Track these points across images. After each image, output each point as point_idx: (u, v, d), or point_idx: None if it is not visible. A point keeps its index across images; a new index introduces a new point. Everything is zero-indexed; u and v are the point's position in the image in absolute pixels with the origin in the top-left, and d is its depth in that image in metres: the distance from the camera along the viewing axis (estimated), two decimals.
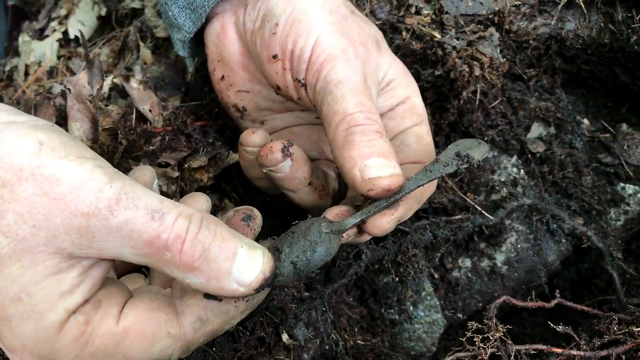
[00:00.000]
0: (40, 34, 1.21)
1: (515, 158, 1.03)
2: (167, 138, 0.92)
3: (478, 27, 1.00)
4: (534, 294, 0.82)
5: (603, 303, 0.97)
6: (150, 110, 0.96)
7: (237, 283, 0.57)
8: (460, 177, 1.01)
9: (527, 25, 1.01)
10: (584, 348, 0.71)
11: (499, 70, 0.98)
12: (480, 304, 0.97)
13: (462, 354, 0.71)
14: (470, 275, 0.98)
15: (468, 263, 0.98)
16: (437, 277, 0.98)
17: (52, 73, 1.15)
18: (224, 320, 0.61)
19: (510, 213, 0.97)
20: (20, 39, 1.20)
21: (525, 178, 1.02)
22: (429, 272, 0.97)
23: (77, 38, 1.16)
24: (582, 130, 1.06)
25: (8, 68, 1.20)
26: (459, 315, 0.97)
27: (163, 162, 0.90)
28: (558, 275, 1.03)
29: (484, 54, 0.96)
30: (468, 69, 0.95)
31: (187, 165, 0.91)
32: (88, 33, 1.17)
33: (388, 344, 0.93)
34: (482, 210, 0.96)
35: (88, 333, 0.55)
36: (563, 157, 1.02)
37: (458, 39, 0.97)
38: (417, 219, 0.96)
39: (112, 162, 0.87)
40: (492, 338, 0.71)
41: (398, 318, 0.96)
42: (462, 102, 0.99)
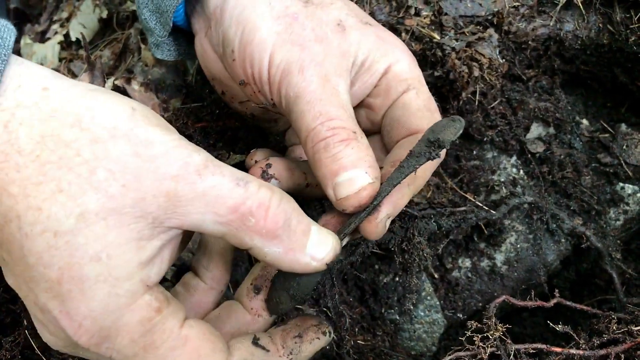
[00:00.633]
0: (42, 37, 1.22)
1: (515, 158, 1.03)
2: None
3: (477, 28, 1.01)
4: (534, 294, 0.82)
5: (602, 302, 0.97)
6: None
7: (310, 257, 0.60)
8: (460, 177, 1.01)
9: (526, 26, 1.02)
10: (584, 347, 0.71)
11: (498, 71, 0.98)
12: (480, 304, 0.97)
13: (462, 353, 0.71)
14: (470, 275, 0.98)
15: (468, 263, 0.98)
16: (437, 277, 0.98)
17: None
18: None
19: (512, 210, 0.97)
20: (22, 42, 1.21)
21: (525, 178, 1.02)
22: (429, 272, 0.98)
23: (78, 40, 1.17)
24: (581, 131, 1.06)
25: None
26: (459, 315, 0.98)
27: None
28: (557, 275, 1.03)
29: (483, 55, 0.97)
30: (467, 70, 0.95)
31: None
32: (89, 35, 1.17)
33: (388, 344, 0.93)
34: (484, 207, 0.96)
35: (155, 322, 0.54)
36: (562, 157, 1.02)
37: (457, 40, 0.98)
38: (422, 209, 0.95)
39: None
40: (491, 337, 0.71)
41: (398, 318, 0.97)
42: (461, 102, 0.99)
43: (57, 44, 1.18)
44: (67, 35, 1.18)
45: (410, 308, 0.96)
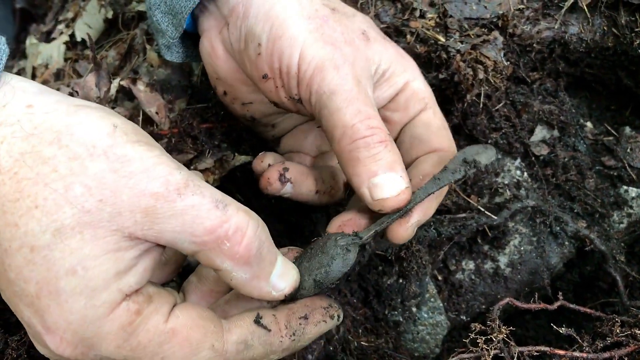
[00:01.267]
0: (48, 37, 1.22)
1: (519, 161, 1.03)
2: (173, 140, 0.93)
3: (482, 30, 1.01)
4: (537, 296, 0.82)
5: (606, 305, 0.97)
6: (157, 113, 0.97)
7: (272, 287, 0.61)
8: (464, 179, 1.01)
9: (530, 29, 1.02)
10: (587, 350, 0.71)
11: (503, 74, 0.98)
12: (484, 306, 0.97)
13: (465, 356, 0.71)
14: (474, 278, 0.98)
15: (471, 265, 0.98)
16: (440, 279, 0.98)
17: (59, 75, 1.16)
18: (265, 352, 0.62)
19: (514, 214, 0.97)
20: (28, 42, 1.21)
21: (529, 181, 1.02)
22: (433, 274, 0.98)
23: (83, 41, 1.17)
24: (585, 133, 1.06)
25: (15, 70, 1.21)
26: (463, 317, 0.98)
27: None
28: (561, 278, 1.03)
29: (488, 58, 0.97)
30: (472, 72, 0.95)
31: (193, 167, 0.91)
32: (95, 36, 1.18)
33: (392, 345, 0.93)
34: (485, 212, 0.96)
35: (136, 324, 0.55)
36: (566, 159, 1.02)
37: (462, 43, 0.98)
38: None
39: None
40: (495, 339, 0.71)
41: (402, 319, 0.97)
42: (466, 105, 0.99)
43: (62, 44, 1.18)
44: (72, 36, 1.18)
45: (413, 310, 0.97)
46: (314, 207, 0.90)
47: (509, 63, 1.02)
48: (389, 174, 0.66)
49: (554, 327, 0.75)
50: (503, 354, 0.70)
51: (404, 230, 0.69)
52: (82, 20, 1.19)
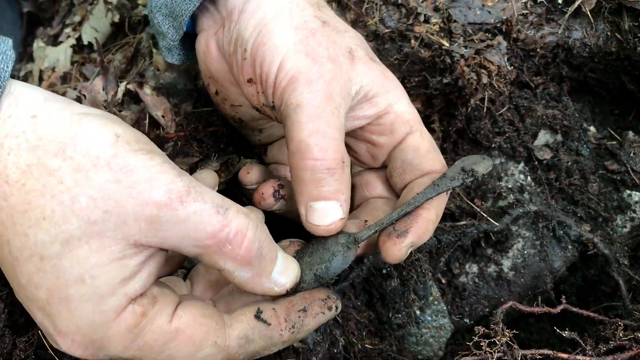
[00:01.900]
0: (54, 40, 1.23)
1: (522, 165, 1.04)
2: (179, 143, 0.93)
3: (486, 35, 1.01)
4: (540, 300, 0.82)
5: (609, 309, 0.97)
6: (163, 116, 0.98)
7: (274, 283, 0.63)
8: (462, 187, 1.02)
9: (534, 34, 1.02)
10: (590, 353, 0.71)
11: (507, 78, 0.99)
12: (487, 309, 0.98)
13: (469, 358, 0.72)
14: (477, 281, 0.98)
15: (475, 269, 0.99)
16: (444, 282, 0.99)
17: (65, 78, 1.17)
18: (266, 345, 0.65)
19: (516, 220, 0.98)
20: (35, 45, 1.22)
21: (532, 185, 1.03)
22: (437, 277, 0.98)
23: (90, 44, 1.18)
24: (588, 138, 1.07)
25: (23, 73, 1.22)
26: (466, 320, 0.98)
27: None
28: (564, 281, 1.03)
29: (492, 62, 0.97)
30: (476, 77, 0.96)
31: (200, 169, 0.92)
32: (101, 39, 1.19)
33: (396, 348, 0.94)
34: (487, 217, 0.97)
35: (142, 325, 0.57)
36: (570, 164, 1.02)
37: (466, 47, 0.99)
38: None
39: None
40: (498, 343, 0.71)
41: (405, 322, 0.97)
42: (470, 109, 1.00)
43: (69, 48, 1.19)
44: (79, 39, 1.19)
45: (417, 313, 0.97)
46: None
47: (513, 68, 1.02)
48: (329, 202, 0.67)
49: (557, 330, 0.75)
50: (506, 357, 0.71)
51: (398, 250, 0.69)
52: (88, 24, 1.19)
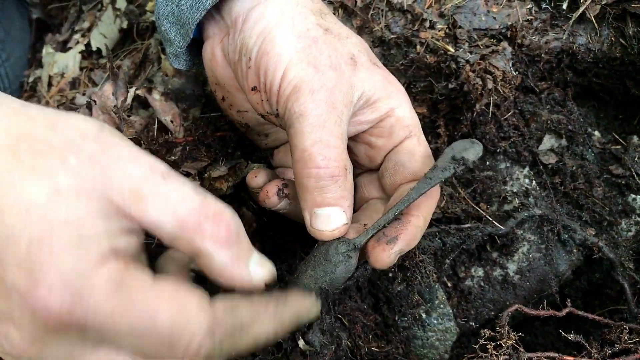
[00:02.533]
0: (64, 46, 1.24)
1: (527, 169, 1.04)
2: (188, 148, 0.94)
3: (491, 41, 1.02)
4: (546, 303, 0.83)
5: (614, 313, 0.98)
6: (172, 121, 0.99)
7: (252, 273, 0.62)
8: (473, 187, 1.03)
9: (539, 40, 1.03)
10: (595, 357, 0.72)
11: (512, 84, 1.00)
12: (493, 313, 0.98)
13: None
14: (483, 284, 0.99)
15: (480, 272, 0.99)
16: (450, 285, 0.99)
17: (74, 84, 1.18)
18: (252, 317, 0.62)
19: (521, 223, 0.98)
20: (44, 51, 1.24)
21: (537, 189, 1.03)
22: (442, 280, 0.99)
23: (99, 50, 1.20)
24: (593, 142, 1.07)
25: (32, 79, 1.24)
26: (472, 324, 0.99)
27: (184, 171, 0.92)
28: (569, 285, 1.04)
29: (497, 68, 0.98)
30: (481, 82, 0.97)
31: (207, 175, 0.93)
32: (110, 45, 1.20)
33: (402, 351, 0.94)
34: (492, 220, 0.97)
35: (125, 275, 0.55)
36: (574, 168, 1.03)
37: (471, 53, 1.00)
38: (427, 227, 0.97)
39: None
40: (504, 346, 0.72)
41: (411, 326, 0.98)
42: (475, 114, 1.01)
43: (78, 54, 1.20)
44: (88, 45, 1.20)
45: (423, 317, 0.98)
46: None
47: (518, 73, 1.03)
48: (333, 209, 0.69)
49: (563, 333, 0.76)
50: None
51: (387, 257, 0.70)
52: (97, 30, 1.21)
